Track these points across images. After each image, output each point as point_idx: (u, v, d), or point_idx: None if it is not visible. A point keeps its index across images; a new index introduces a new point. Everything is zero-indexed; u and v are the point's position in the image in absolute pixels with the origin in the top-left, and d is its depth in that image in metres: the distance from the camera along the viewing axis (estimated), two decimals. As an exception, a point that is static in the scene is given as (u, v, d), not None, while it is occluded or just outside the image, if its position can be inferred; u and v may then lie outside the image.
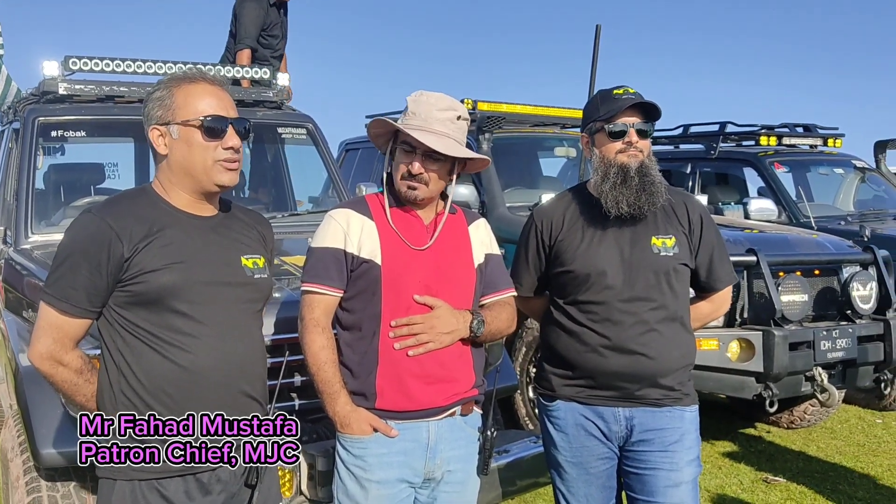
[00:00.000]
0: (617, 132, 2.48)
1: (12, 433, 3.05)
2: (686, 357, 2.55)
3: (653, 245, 2.50)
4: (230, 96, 2.05)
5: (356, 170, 7.31)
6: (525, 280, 2.69)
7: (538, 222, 2.64)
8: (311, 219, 4.39)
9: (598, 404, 2.52)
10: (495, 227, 2.75)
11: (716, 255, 2.60)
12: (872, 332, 4.95)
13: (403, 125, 2.28)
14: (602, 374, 2.49)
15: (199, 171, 1.97)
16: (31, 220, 3.80)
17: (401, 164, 2.31)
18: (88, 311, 1.92)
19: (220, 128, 1.96)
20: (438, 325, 2.28)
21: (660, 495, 2.47)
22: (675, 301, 2.51)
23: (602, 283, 2.48)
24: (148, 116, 1.99)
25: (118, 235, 1.88)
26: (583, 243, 2.53)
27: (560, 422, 2.58)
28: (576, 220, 2.58)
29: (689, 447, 2.52)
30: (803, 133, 7.89)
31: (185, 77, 2.01)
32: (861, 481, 4.88)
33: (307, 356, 2.30)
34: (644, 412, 2.50)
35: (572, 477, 2.60)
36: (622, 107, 2.46)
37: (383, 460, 2.28)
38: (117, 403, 1.93)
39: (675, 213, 2.57)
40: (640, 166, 2.46)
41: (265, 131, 4.81)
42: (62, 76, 4.23)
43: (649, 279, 2.48)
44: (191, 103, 1.96)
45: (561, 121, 6.81)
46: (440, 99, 2.33)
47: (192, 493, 1.96)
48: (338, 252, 2.31)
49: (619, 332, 2.46)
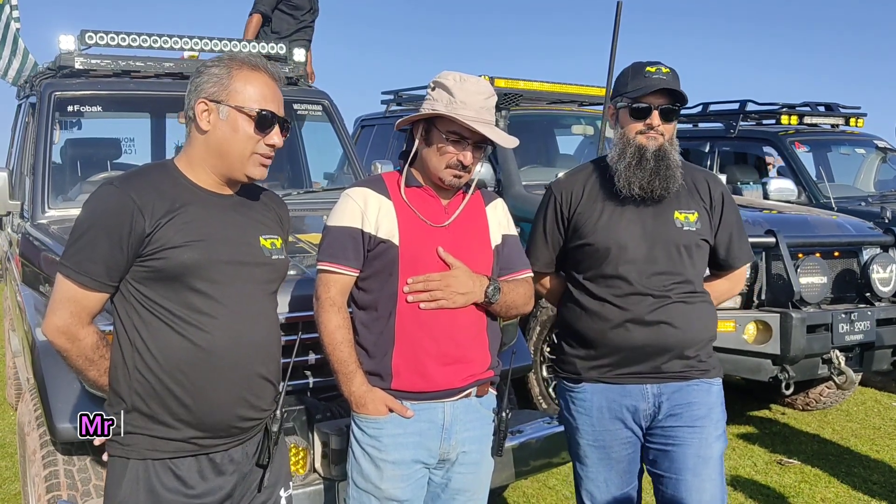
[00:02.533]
0: (641, 113, 2.44)
1: (29, 407, 3.07)
2: (709, 329, 2.54)
3: (675, 219, 2.48)
4: (282, 94, 2.03)
5: (371, 146, 7.28)
6: (542, 255, 2.66)
7: (557, 194, 2.61)
8: (327, 196, 4.38)
9: (626, 382, 2.50)
10: (511, 206, 2.73)
11: (735, 233, 2.59)
12: (892, 316, 4.92)
13: (462, 117, 2.23)
14: (628, 349, 2.46)
15: (234, 158, 1.96)
16: (47, 195, 3.81)
17: (448, 153, 2.28)
18: (107, 286, 1.90)
19: (270, 122, 1.96)
20: (454, 284, 2.26)
21: (688, 472, 2.44)
22: (696, 275, 2.50)
23: (623, 256, 2.45)
24: (198, 88, 1.96)
25: (140, 209, 1.86)
26: (603, 216, 2.50)
27: (585, 404, 2.56)
28: (596, 193, 2.55)
29: (717, 421, 2.50)
30: (825, 112, 7.78)
31: (248, 61, 1.99)
32: (876, 464, 4.86)
33: (323, 336, 2.30)
34: (672, 387, 2.48)
35: (593, 461, 2.58)
36: (649, 89, 2.42)
37: (398, 440, 2.28)
38: (131, 380, 1.92)
39: (696, 190, 2.55)
40: (657, 149, 2.43)
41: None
42: (78, 50, 4.22)
43: (671, 253, 2.46)
44: (249, 91, 1.94)
45: (579, 98, 6.75)
46: (479, 84, 2.30)
47: (205, 472, 1.97)
48: (354, 231, 2.29)
49: (641, 305, 2.43)
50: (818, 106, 7.80)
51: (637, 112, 2.44)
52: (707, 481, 2.45)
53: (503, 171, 5.84)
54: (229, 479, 2.00)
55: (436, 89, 2.30)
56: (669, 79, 2.44)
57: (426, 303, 2.26)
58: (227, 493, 2.01)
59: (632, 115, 2.46)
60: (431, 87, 2.33)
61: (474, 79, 2.31)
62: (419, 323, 2.27)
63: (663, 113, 2.44)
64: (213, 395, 1.93)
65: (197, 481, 1.95)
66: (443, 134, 2.28)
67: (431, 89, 2.32)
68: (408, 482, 2.30)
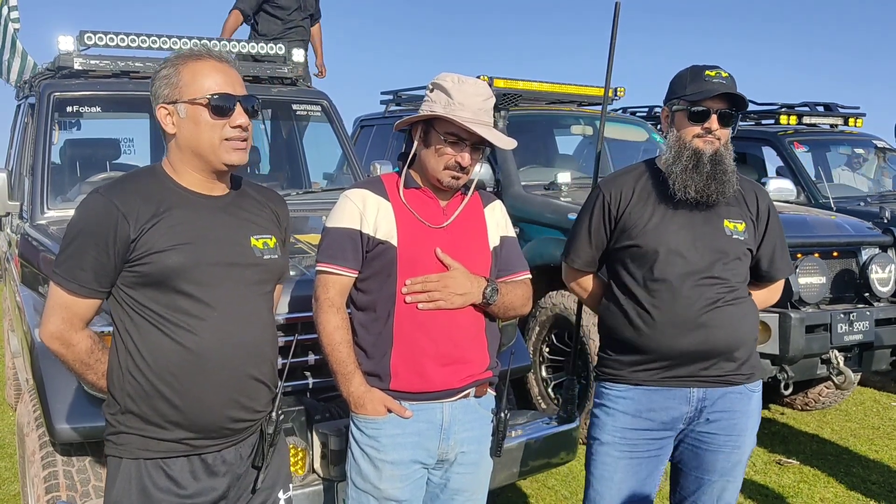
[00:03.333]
0: (699, 116, 2.42)
1: (28, 408, 3.07)
2: (754, 329, 2.55)
3: (725, 227, 2.47)
4: (238, 73, 2.01)
5: (371, 147, 7.28)
6: (584, 253, 2.64)
7: (606, 194, 2.58)
8: (326, 196, 4.38)
9: (672, 385, 2.48)
10: (510, 206, 2.73)
11: (778, 246, 2.60)
12: (890, 316, 4.92)
13: (460, 118, 2.23)
14: (675, 354, 2.45)
15: (206, 151, 1.95)
16: (46, 196, 3.81)
17: (446, 154, 2.28)
18: (97, 292, 1.92)
19: (228, 106, 1.93)
20: (452, 284, 2.27)
21: (716, 473, 2.53)
22: (740, 282, 2.50)
23: (672, 260, 2.43)
24: (155, 95, 1.97)
25: (125, 216, 1.87)
26: (653, 219, 2.48)
27: (625, 403, 2.52)
28: (647, 195, 2.52)
29: (752, 429, 2.55)
30: (824, 112, 7.79)
31: (192, 54, 1.97)
32: (875, 464, 4.87)
33: (321, 336, 2.30)
34: (717, 393, 2.48)
35: (612, 458, 2.54)
36: (711, 93, 2.40)
37: (397, 441, 2.28)
38: (124, 383, 1.93)
39: (745, 201, 2.54)
40: (714, 154, 2.41)
41: (280, 108, 4.80)
42: (77, 51, 4.22)
43: (719, 260, 2.44)
44: (197, 81, 1.92)
45: (578, 98, 6.75)
46: (478, 86, 2.30)
47: (197, 473, 1.97)
48: (353, 233, 2.29)
49: (689, 310, 2.42)
50: (817, 106, 7.80)
51: (695, 115, 2.42)
52: (730, 483, 2.55)
53: (502, 171, 5.83)
54: (222, 480, 2.00)
55: (434, 91, 2.31)
56: (729, 83, 2.42)
57: (424, 303, 2.26)
58: (221, 494, 2.01)
59: (690, 118, 2.43)
60: (430, 89, 2.33)
61: (472, 80, 2.31)
62: (417, 324, 2.27)
63: (722, 117, 2.42)
64: (202, 396, 1.93)
65: (189, 481, 1.96)
66: (441, 135, 2.28)
67: (430, 91, 2.32)
68: (406, 482, 2.30)
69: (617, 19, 3.18)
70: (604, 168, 5.55)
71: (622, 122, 6.99)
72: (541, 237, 5.30)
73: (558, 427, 3.31)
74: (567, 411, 3.33)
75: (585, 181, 5.55)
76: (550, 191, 5.62)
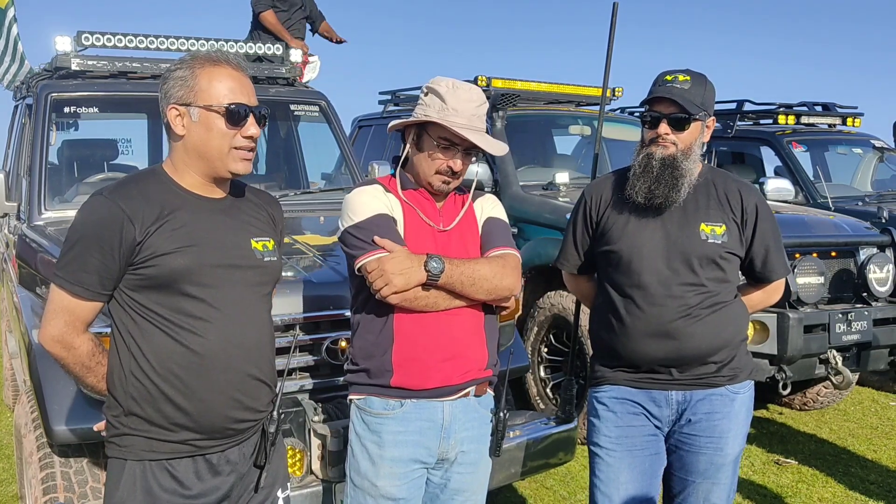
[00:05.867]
0: (651, 122, 2.43)
1: (26, 409, 3.07)
2: (738, 332, 2.51)
3: (701, 231, 2.44)
4: (251, 82, 2.02)
5: (369, 147, 7.28)
6: (571, 256, 2.68)
7: (587, 197, 2.62)
8: (324, 197, 4.38)
9: (651, 388, 2.50)
10: (509, 206, 2.73)
11: (772, 246, 2.53)
12: (888, 315, 4.93)
13: (453, 124, 2.23)
14: (648, 361, 2.46)
15: (214, 157, 1.95)
16: (44, 197, 3.80)
17: (438, 159, 2.28)
18: (100, 295, 1.91)
19: (243, 115, 1.94)
20: (390, 265, 2.18)
21: (699, 475, 2.52)
22: (719, 287, 2.46)
23: (645, 266, 2.43)
24: (167, 94, 1.95)
25: (130, 218, 1.87)
26: (629, 224, 2.49)
27: (610, 401, 2.55)
28: (624, 200, 2.51)
29: (737, 429, 2.52)
30: (822, 112, 7.79)
31: (209, 59, 1.96)
32: (874, 464, 4.87)
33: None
34: (697, 395, 2.48)
35: (615, 458, 2.55)
36: (655, 98, 2.41)
37: (398, 438, 2.29)
38: (127, 384, 1.92)
39: (728, 202, 2.49)
40: (664, 157, 2.40)
41: (277, 108, 4.79)
42: (75, 51, 4.21)
43: (693, 265, 2.42)
44: (214, 87, 1.92)
45: (576, 98, 6.75)
46: (472, 91, 2.30)
47: (201, 473, 1.97)
48: (389, 218, 2.28)
49: (660, 318, 2.41)
50: (815, 106, 7.81)
51: (646, 121, 2.44)
52: (716, 485, 2.52)
53: (500, 171, 5.83)
54: (226, 480, 2.01)
55: (429, 95, 2.31)
56: (679, 89, 2.40)
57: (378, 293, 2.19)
58: (225, 494, 2.02)
59: (643, 123, 2.46)
60: (424, 93, 2.33)
61: (467, 86, 2.31)
62: (417, 321, 2.27)
63: (672, 122, 2.41)
64: (207, 397, 1.93)
65: (193, 482, 1.96)
66: (434, 140, 2.28)
67: (424, 94, 2.33)
68: (404, 480, 2.30)
69: (615, 19, 3.18)
70: (602, 168, 5.57)
71: (620, 122, 6.99)
72: (539, 237, 5.29)
73: (557, 427, 3.31)
74: (565, 412, 3.34)
75: (584, 181, 5.54)
76: (548, 191, 5.63)
